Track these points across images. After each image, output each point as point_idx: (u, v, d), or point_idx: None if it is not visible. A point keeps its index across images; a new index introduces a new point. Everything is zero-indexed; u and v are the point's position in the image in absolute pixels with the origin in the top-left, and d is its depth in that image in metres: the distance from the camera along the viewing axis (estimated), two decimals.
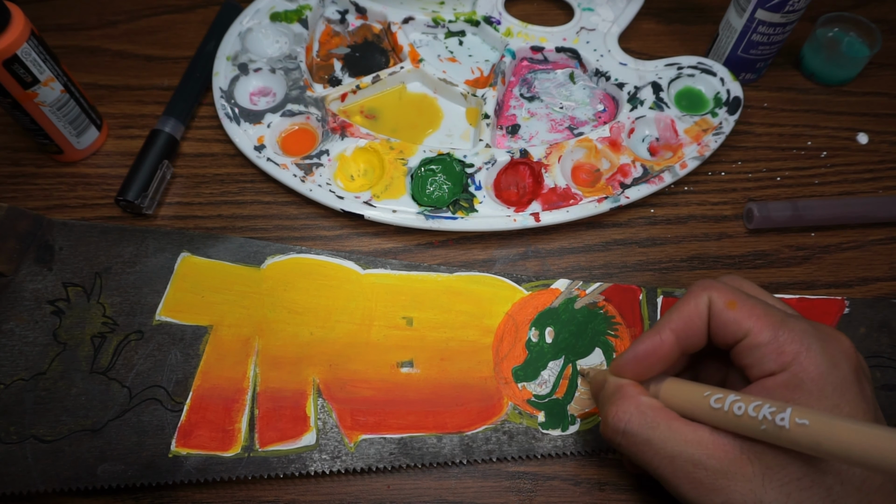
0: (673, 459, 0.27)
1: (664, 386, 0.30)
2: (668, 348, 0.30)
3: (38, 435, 0.34)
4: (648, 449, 0.28)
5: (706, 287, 0.30)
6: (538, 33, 0.51)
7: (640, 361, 0.30)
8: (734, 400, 0.26)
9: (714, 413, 0.27)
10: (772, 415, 0.25)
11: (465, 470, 0.35)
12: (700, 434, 0.27)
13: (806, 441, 0.24)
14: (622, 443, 0.29)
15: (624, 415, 0.29)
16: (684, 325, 0.30)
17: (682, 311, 0.30)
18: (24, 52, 0.38)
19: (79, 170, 0.46)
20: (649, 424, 0.28)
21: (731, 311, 0.29)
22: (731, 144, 0.47)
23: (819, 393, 0.26)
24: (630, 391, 0.30)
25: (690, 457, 0.27)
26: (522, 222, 0.42)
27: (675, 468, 0.27)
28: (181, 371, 0.36)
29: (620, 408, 0.29)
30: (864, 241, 0.44)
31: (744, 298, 0.29)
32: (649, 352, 0.30)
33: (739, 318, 0.28)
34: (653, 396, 0.30)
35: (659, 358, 0.30)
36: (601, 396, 0.32)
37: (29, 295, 0.38)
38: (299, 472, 0.34)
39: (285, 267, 0.40)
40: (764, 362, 0.28)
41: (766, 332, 0.28)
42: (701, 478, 0.27)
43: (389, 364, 0.37)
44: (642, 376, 0.31)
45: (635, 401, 0.29)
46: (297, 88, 0.47)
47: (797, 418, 0.24)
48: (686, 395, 0.29)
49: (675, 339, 0.30)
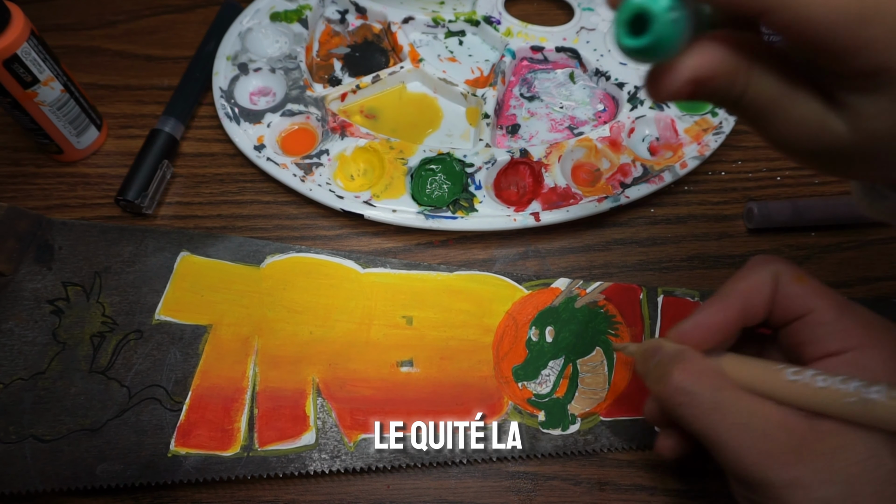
0: (741, 428, 0.26)
1: (726, 358, 0.29)
2: (734, 318, 0.29)
3: (37, 434, 0.34)
4: (715, 413, 0.27)
5: (771, 260, 0.29)
6: (538, 33, 0.51)
7: (705, 328, 0.29)
8: (815, 373, 0.26)
9: (788, 386, 0.26)
10: (865, 388, 0.24)
11: (465, 470, 0.35)
12: (768, 408, 0.27)
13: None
14: (685, 403, 0.27)
15: (691, 375, 0.28)
16: (749, 296, 0.29)
17: (749, 281, 0.29)
18: (24, 52, 0.38)
19: (79, 170, 0.46)
20: (718, 388, 0.27)
21: (800, 286, 0.28)
22: (731, 144, 0.47)
23: (887, 379, 0.26)
24: (695, 355, 0.29)
25: (761, 427, 0.26)
26: (522, 222, 0.42)
27: (741, 438, 0.26)
28: (180, 370, 0.36)
29: (688, 368, 0.28)
30: (864, 241, 0.43)
31: (810, 276, 0.28)
32: (715, 320, 0.29)
33: (806, 293, 0.28)
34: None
35: (723, 327, 0.29)
36: (658, 361, 0.30)
37: (28, 294, 0.38)
38: (299, 471, 0.34)
39: (285, 266, 0.40)
40: (827, 340, 0.27)
41: (833, 310, 0.27)
42: (770, 450, 0.26)
43: (389, 363, 0.37)
44: (703, 346, 0.29)
45: (703, 363, 0.28)
46: (297, 88, 0.47)
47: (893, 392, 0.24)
48: (753, 369, 0.28)
49: (742, 308, 0.29)
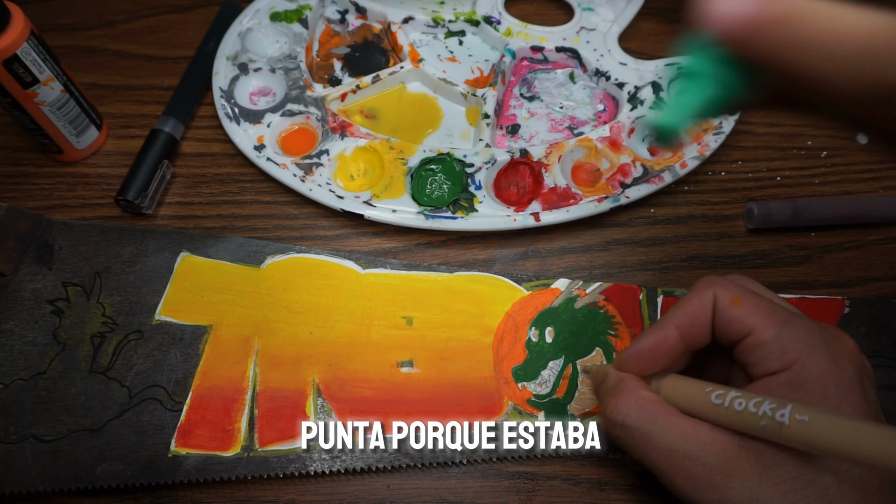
0: (670, 454, 0.27)
1: (666, 382, 0.30)
2: (671, 344, 0.30)
3: (37, 435, 0.34)
4: (646, 443, 0.28)
5: (711, 283, 0.30)
6: (538, 33, 0.51)
7: (644, 356, 0.30)
8: (735, 396, 0.26)
9: (714, 409, 0.27)
10: (772, 411, 0.25)
11: (465, 470, 0.35)
12: (699, 430, 0.27)
13: (805, 438, 0.24)
14: (620, 435, 0.29)
15: (623, 407, 0.29)
16: (688, 322, 0.30)
17: (687, 307, 0.30)
18: (24, 52, 0.38)
19: (79, 169, 0.46)
20: (648, 418, 0.28)
21: (736, 308, 0.28)
22: (731, 144, 0.47)
23: (821, 393, 0.26)
24: (631, 385, 0.30)
25: (688, 452, 0.27)
26: (522, 222, 0.42)
27: (671, 463, 0.27)
28: (181, 371, 0.36)
29: (620, 400, 0.29)
30: (864, 241, 0.43)
31: (749, 296, 0.29)
32: (653, 347, 0.30)
33: (743, 316, 0.28)
34: (654, 392, 0.30)
35: (662, 354, 0.30)
36: (602, 390, 0.32)
37: (28, 294, 0.38)
38: (299, 471, 0.34)
39: (285, 266, 0.40)
40: (767, 360, 0.27)
41: (770, 330, 0.28)
42: (698, 473, 0.27)
43: (389, 364, 0.37)
44: (645, 371, 0.31)
45: (635, 394, 0.29)
46: (297, 88, 0.47)
47: (797, 415, 0.24)
48: (687, 391, 0.29)
49: (679, 335, 0.30)
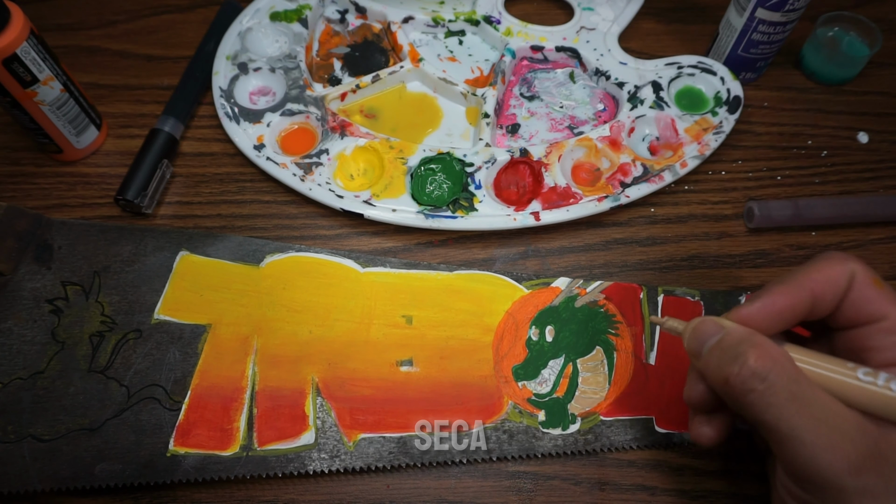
0: (820, 424, 0.25)
1: (788, 348, 0.27)
2: (802, 307, 0.27)
3: (35, 434, 0.34)
4: (792, 404, 0.25)
5: (847, 258, 0.28)
6: (538, 33, 0.51)
7: (774, 315, 0.27)
8: (890, 378, 0.25)
9: (861, 388, 0.25)
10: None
11: (465, 470, 0.35)
12: (840, 407, 0.25)
13: None
14: (758, 390, 0.26)
15: (768, 362, 0.26)
16: (823, 289, 0.27)
17: (825, 273, 0.27)
18: (24, 52, 0.38)
19: (78, 169, 0.46)
20: (794, 378, 0.25)
21: (877, 290, 0.27)
22: (731, 143, 0.47)
23: None
24: (766, 340, 0.27)
25: (839, 426, 0.25)
26: (522, 221, 0.41)
27: (819, 434, 0.25)
28: (179, 370, 0.36)
29: (764, 353, 0.26)
30: (864, 240, 0.43)
31: (885, 281, 0.27)
32: (786, 306, 0.27)
33: (881, 299, 0.27)
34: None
35: (788, 315, 0.27)
36: (721, 342, 0.27)
37: (27, 294, 0.38)
38: (298, 471, 0.34)
39: (284, 265, 0.40)
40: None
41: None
42: (848, 453, 0.24)
43: (389, 363, 0.37)
44: (766, 332, 0.27)
45: (778, 350, 0.26)
46: (297, 88, 0.47)
47: None
48: (823, 363, 0.26)
49: (812, 299, 0.27)
